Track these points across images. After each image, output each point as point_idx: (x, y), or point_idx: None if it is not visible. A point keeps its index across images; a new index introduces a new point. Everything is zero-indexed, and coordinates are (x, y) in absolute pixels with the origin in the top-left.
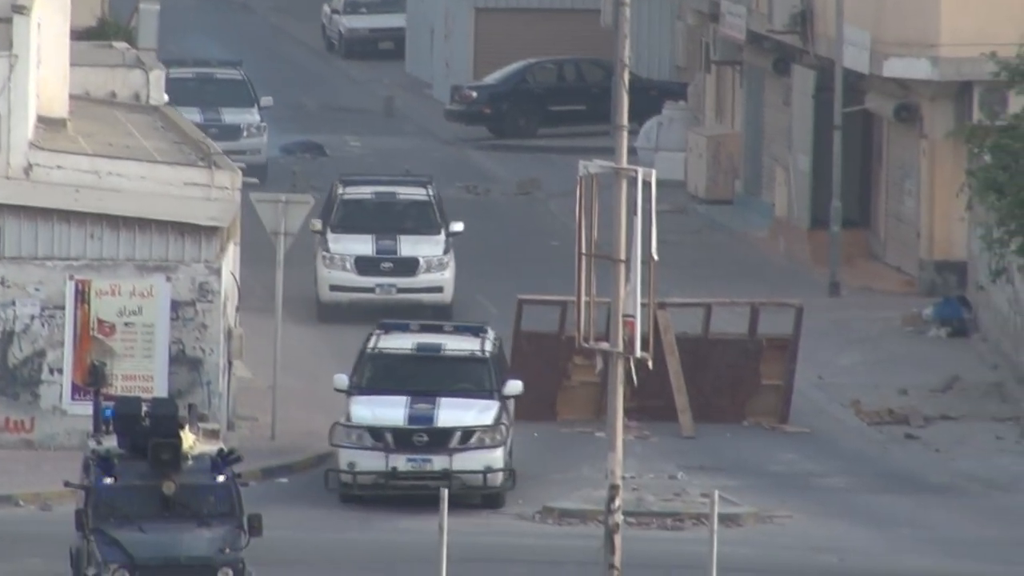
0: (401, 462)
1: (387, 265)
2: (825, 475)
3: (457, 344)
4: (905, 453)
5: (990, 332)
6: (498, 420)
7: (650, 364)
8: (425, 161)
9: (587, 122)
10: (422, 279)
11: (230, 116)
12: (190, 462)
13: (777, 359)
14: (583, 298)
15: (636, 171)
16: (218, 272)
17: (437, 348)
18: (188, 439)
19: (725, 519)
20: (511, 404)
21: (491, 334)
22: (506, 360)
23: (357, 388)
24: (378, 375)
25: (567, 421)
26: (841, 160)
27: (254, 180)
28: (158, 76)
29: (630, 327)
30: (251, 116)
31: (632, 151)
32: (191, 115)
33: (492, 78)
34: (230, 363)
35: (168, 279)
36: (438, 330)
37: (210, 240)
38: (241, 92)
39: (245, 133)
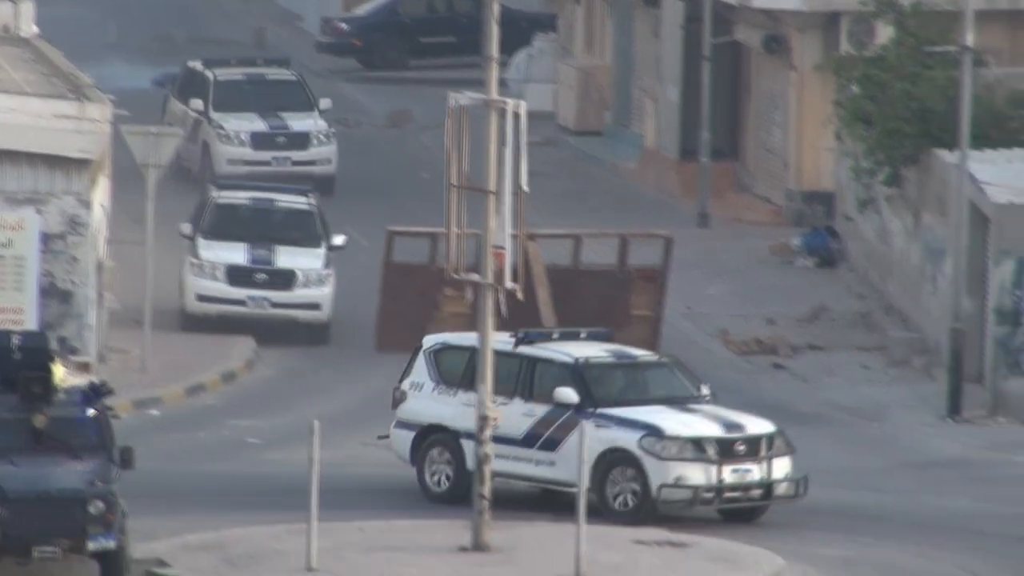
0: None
1: (261, 276)
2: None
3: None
4: (773, 383)
5: (857, 262)
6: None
7: (520, 295)
8: None
9: (458, 54)
10: (299, 294)
11: (297, 123)
12: (61, 395)
13: (646, 290)
14: (453, 230)
15: (506, 103)
16: (88, 204)
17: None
18: (59, 372)
19: None
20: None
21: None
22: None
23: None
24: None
25: None
26: (710, 92)
27: (124, 112)
28: (28, 8)
29: (500, 259)
30: (318, 122)
31: (502, 83)
32: (251, 122)
33: (362, 10)
34: (101, 295)
35: (39, 211)
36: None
37: (81, 173)
38: (299, 95)
39: (315, 141)
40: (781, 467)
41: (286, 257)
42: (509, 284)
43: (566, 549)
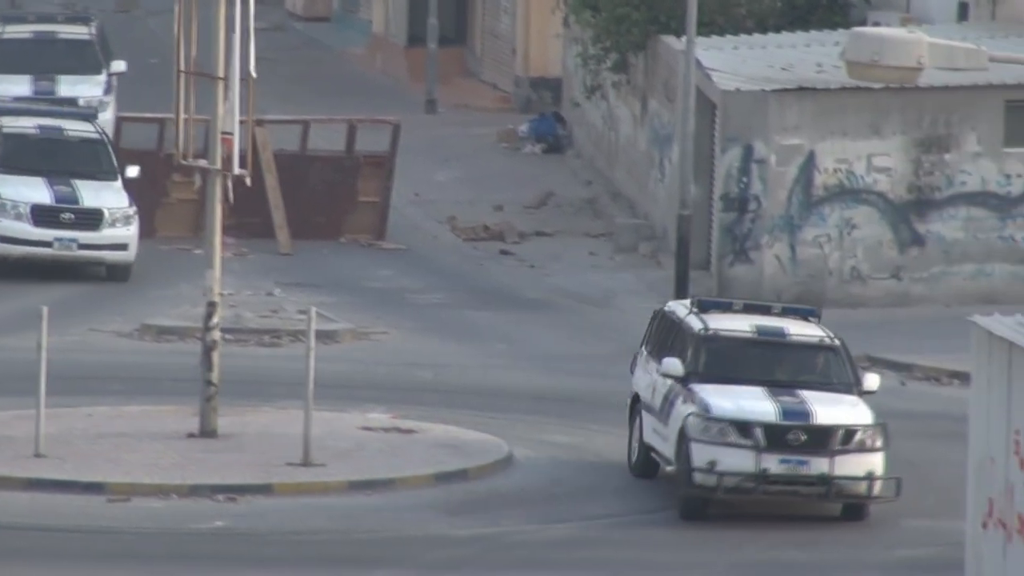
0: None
1: (68, 217)
2: (421, 291)
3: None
4: (500, 269)
5: (584, 148)
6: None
7: (248, 181)
8: None
9: None
10: (106, 235)
11: (67, 87)
12: None
13: (374, 176)
14: (182, 116)
15: None
16: None
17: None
18: None
19: (322, 335)
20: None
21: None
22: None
23: None
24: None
25: (165, 238)
26: None
27: None
28: None
29: (228, 144)
30: (92, 86)
31: None
32: (20, 85)
33: None
34: None
35: None
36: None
37: None
38: (86, 55)
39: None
40: (854, 464)
41: (90, 194)
42: (237, 170)
43: (294, 434)
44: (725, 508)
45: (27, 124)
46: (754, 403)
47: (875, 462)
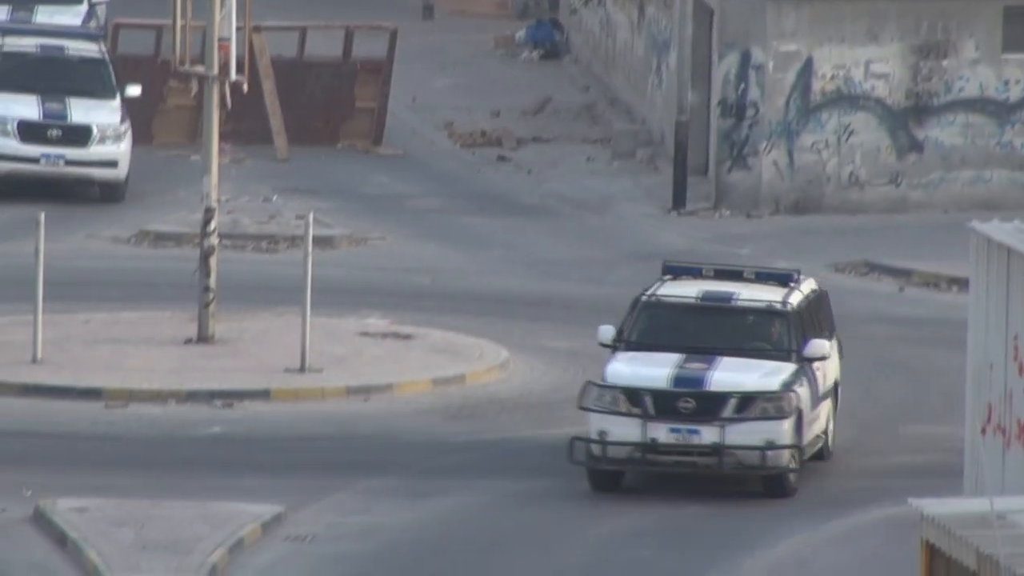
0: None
1: (55, 133)
2: (418, 197)
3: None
4: (498, 175)
5: (582, 54)
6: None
7: (245, 88)
8: None
9: None
10: (95, 151)
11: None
12: None
13: (371, 82)
14: (179, 21)
15: None
16: None
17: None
18: None
19: (319, 241)
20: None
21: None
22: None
23: None
24: None
25: (163, 144)
26: None
27: None
28: None
29: (225, 51)
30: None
31: None
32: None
33: None
34: None
35: None
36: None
37: None
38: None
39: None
40: (749, 433)
41: (81, 111)
42: (235, 76)
43: (292, 340)
44: None
45: (29, 43)
46: (653, 370)
47: (777, 430)
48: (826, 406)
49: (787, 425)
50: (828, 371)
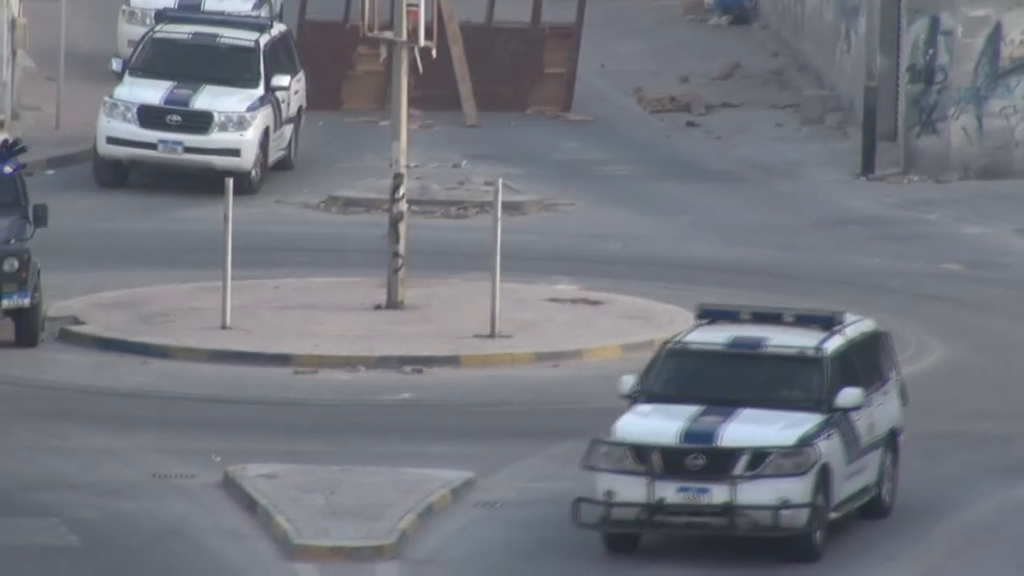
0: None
1: (174, 119)
2: (607, 163)
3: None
4: (686, 140)
5: (771, 19)
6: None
7: (434, 53)
8: None
9: None
10: (215, 139)
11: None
12: None
13: (560, 47)
14: None
15: None
16: None
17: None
18: None
19: (508, 207)
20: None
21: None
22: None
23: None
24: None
25: (352, 111)
26: None
27: None
28: None
29: (414, 16)
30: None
31: None
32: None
33: None
34: (14, 53)
35: None
36: None
37: None
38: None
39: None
40: (764, 490)
41: (207, 98)
42: (423, 42)
43: (481, 306)
44: None
45: (184, 30)
46: (664, 424)
47: (792, 488)
48: (875, 457)
49: (806, 482)
50: (877, 419)
